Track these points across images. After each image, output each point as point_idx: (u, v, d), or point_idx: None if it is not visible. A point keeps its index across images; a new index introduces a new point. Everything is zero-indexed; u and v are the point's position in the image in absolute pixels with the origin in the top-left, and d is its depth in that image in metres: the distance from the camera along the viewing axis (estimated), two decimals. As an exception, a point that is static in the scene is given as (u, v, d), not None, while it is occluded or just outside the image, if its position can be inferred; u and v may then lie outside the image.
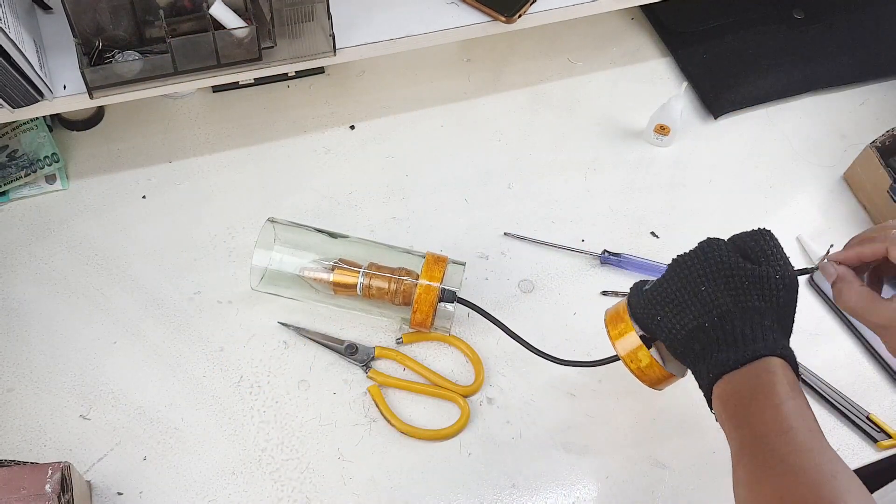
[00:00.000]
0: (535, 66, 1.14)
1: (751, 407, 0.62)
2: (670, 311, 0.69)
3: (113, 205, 0.97)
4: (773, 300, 0.67)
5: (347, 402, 0.85)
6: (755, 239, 0.70)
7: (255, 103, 1.07)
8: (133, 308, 0.90)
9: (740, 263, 0.68)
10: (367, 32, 0.94)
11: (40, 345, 0.87)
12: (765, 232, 0.71)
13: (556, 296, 0.94)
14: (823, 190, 1.05)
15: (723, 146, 1.08)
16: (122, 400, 0.84)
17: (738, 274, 0.67)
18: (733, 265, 0.68)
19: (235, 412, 0.84)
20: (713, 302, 0.67)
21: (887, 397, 0.89)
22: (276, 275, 0.89)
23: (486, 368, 0.88)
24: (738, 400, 0.64)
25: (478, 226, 0.99)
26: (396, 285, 0.86)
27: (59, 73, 0.87)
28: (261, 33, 0.88)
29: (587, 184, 1.03)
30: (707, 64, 1.14)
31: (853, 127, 1.11)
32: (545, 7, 0.98)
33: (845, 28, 1.18)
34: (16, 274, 0.92)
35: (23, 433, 0.82)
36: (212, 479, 0.80)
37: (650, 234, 0.99)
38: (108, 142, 1.02)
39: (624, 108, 1.10)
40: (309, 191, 1.00)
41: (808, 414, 0.62)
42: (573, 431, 0.85)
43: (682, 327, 0.69)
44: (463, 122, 1.08)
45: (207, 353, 0.88)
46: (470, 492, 0.81)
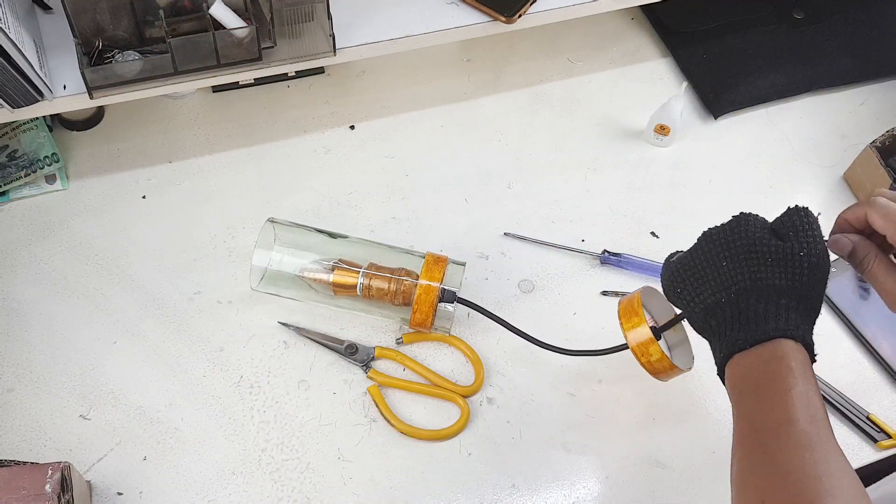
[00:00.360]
0: (535, 66, 1.14)
1: (755, 395, 0.61)
2: (691, 284, 0.68)
3: (113, 205, 0.97)
4: (796, 279, 0.64)
5: (347, 402, 0.85)
6: (789, 215, 0.68)
7: (255, 103, 1.07)
8: (133, 308, 0.90)
9: (765, 239, 0.66)
10: (367, 32, 0.94)
11: (40, 345, 0.87)
12: (801, 209, 0.68)
13: (556, 296, 0.94)
14: (823, 190, 1.05)
15: (723, 146, 1.08)
16: (122, 400, 0.84)
17: (761, 250, 0.65)
18: (758, 241, 0.65)
19: (235, 412, 0.84)
20: (733, 278, 0.65)
21: (887, 397, 0.89)
22: (276, 275, 0.89)
23: (486, 368, 0.88)
24: (744, 386, 0.62)
25: (478, 226, 0.99)
26: (396, 285, 0.86)
27: (59, 73, 0.87)
28: (261, 33, 0.88)
29: (587, 184, 1.03)
30: (707, 64, 1.14)
31: (853, 127, 1.11)
32: (545, 7, 0.98)
33: (845, 28, 1.18)
34: (16, 274, 0.92)
35: (23, 433, 0.82)
36: (212, 479, 0.80)
37: (650, 234, 0.99)
38: (108, 142, 1.02)
39: (624, 108, 1.10)
40: (309, 191, 1.00)
41: (815, 401, 0.59)
42: (573, 431, 0.85)
43: (700, 301, 0.67)
44: (463, 122, 1.08)
45: (207, 353, 0.88)
46: (470, 492, 0.81)
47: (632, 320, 0.77)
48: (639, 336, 0.77)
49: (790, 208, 0.69)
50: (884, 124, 1.09)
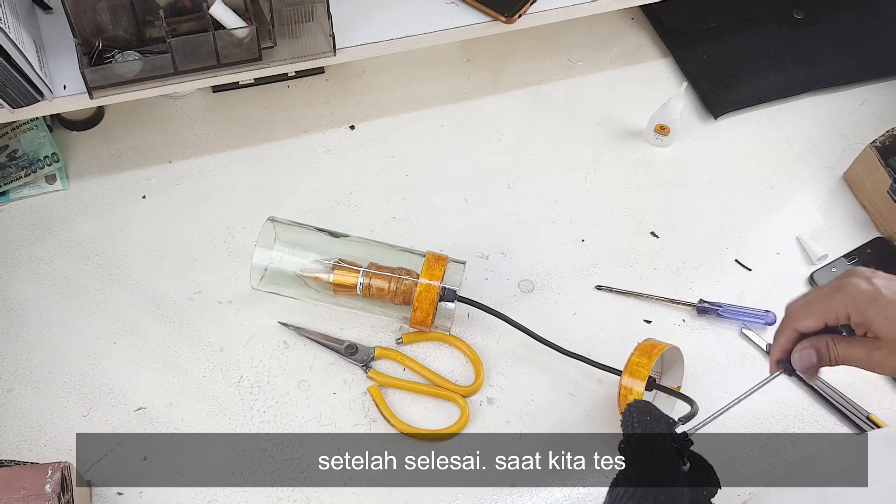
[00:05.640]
0: (535, 66, 1.14)
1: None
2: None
3: (113, 205, 0.97)
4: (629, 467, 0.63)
5: (347, 402, 0.85)
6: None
7: (255, 103, 1.07)
8: (133, 308, 0.90)
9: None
10: (367, 32, 0.94)
11: (40, 345, 0.87)
12: (627, 407, 0.66)
13: (557, 296, 0.94)
14: (823, 190, 1.05)
15: (723, 146, 1.08)
16: (122, 400, 0.84)
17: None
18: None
19: (235, 412, 0.84)
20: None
21: (887, 397, 0.89)
22: (276, 274, 0.89)
23: (486, 368, 0.88)
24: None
25: (478, 226, 0.99)
26: (396, 284, 0.86)
27: (59, 73, 0.87)
28: (261, 33, 0.88)
29: (587, 184, 1.03)
30: (707, 64, 1.14)
31: (853, 127, 1.11)
32: (545, 7, 0.98)
33: (845, 28, 1.18)
34: (16, 274, 0.92)
35: (23, 433, 0.82)
36: (212, 479, 0.80)
37: (650, 234, 0.99)
38: (108, 142, 1.02)
39: (624, 108, 1.10)
40: (309, 191, 1.00)
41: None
42: (573, 431, 0.85)
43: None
44: (463, 122, 1.08)
45: (207, 353, 0.88)
46: (470, 492, 0.81)
47: (641, 359, 0.80)
48: (632, 383, 0.80)
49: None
50: (884, 124, 1.09)
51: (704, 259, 0.98)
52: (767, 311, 0.92)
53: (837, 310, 0.62)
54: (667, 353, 0.83)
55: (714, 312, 0.92)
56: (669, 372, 0.86)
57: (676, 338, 0.91)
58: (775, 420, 0.87)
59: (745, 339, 0.92)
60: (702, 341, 0.91)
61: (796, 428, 0.86)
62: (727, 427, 0.85)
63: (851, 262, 0.98)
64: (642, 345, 0.82)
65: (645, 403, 0.66)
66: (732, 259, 0.98)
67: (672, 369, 0.86)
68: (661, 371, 0.87)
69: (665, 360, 0.87)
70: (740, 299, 0.94)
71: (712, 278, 0.96)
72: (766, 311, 0.92)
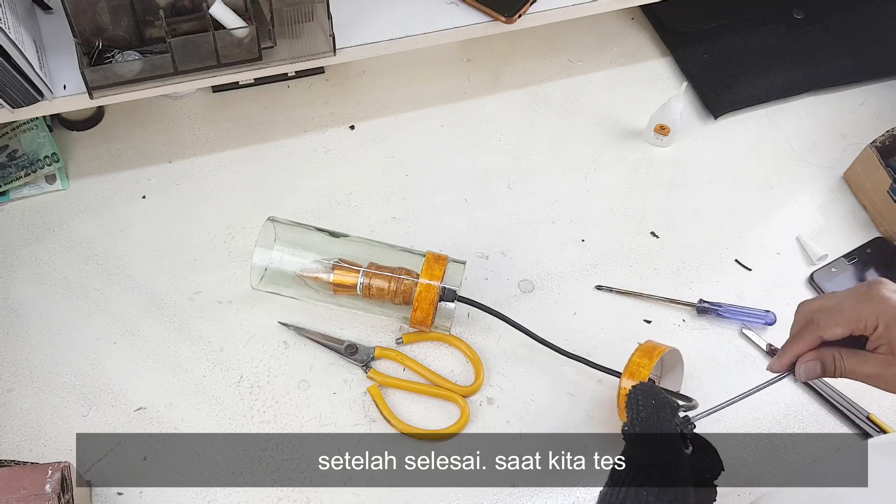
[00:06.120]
0: (535, 66, 1.14)
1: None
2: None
3: (113, 205, 0.97)
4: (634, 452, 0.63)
5: (347, 402, 0.85)
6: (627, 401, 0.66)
7: (255, 103, 1.07)
8: (133, 308, 0.90)
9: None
10: (367, 32, 0.94)
11: (40, 345, 0.87)
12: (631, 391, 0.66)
13: (556, 295, 0.94)
14: (823, 190, 1.05)
15: (723, 146, 1.08)
16: (122, 400, 0.84)
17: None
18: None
19: (235, 412, 0.84)
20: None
21: (887, 397, 0.88)
22: (276, 274, 0.89)
23: (486, 368, 0.88)
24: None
25: (478, 226, 0.99)
26: (397, 284, 0.86)
27: (59, 73, 0.87)
28: (261, 33, 0.88)
29: (587, 184, 1.03)
30: (707, 64, 1.14)
31: (853, 127, 1.11)
32: (545, 7, 0.98)
33: (845, 28, 1.18)
34: (16, 274, 0.92)
35: (23, 433, 0.82)
36: (212, 479, 0.80)
37: (650, 233, 0.99)
38: (108, 142, 1.02)
39: (624, 108, 1.10)
40: (309, 191, 1.00)
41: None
42: (573, 431, 0.85)
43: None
44: (463, 122, 1.08)
45: (207, 353, 0.88)
46: (470, 492, 0.81)
47: (642, 360, 0.80)
48: (633, 383, 0.78)
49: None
50: (884, 124, 1.09)
51: (704, 259, 0.98)
52: (767, 311, 0.92)
53: (868, 319, 0.62)
54: (667, 355, 0.83)
55: (714, 312, 0.92)
56: (669, 375, 0.86)
57: (676, 338, 0.91)
58: (775, 420, 0.87)
59: (745, 339, 0.92)
60: (702, 341, 0.91)
61: (796, 428, 0.86)
62: (727, 427, 0.85)
63: (851, 263, 0.98)
64: (643, 346, 0.82)
65: (650, 386, 0.66)
66: (732, 259, 0.98)
67: (671, 372, 0.86)
68: (661, 374, 0.87)
69: (665, 363, 0.87)
70: (740, 299, 0.94)
71: (712, 278, 0.96)
72: (766, 311, 0.92)
